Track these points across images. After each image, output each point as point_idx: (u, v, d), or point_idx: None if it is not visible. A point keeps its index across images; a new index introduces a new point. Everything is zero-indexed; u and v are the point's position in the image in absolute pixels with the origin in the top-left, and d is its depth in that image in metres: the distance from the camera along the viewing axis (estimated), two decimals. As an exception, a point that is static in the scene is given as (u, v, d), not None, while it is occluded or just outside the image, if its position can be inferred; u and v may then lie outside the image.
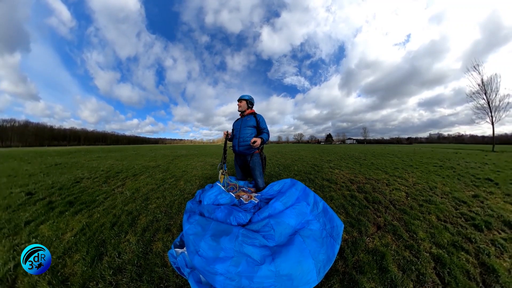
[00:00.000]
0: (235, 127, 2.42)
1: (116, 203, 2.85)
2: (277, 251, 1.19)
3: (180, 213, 2.43)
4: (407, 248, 1.74)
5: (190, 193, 3.23)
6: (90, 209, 2.67)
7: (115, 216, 2.41)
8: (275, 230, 1.35)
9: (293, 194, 1.79)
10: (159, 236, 1.95)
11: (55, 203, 2.86)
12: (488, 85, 19.30)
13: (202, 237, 1.25)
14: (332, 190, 3.39)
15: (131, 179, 4.49)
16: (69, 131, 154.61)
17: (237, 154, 2.37)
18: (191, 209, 1.79)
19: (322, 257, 1.24)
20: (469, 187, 3.67)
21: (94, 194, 3.31)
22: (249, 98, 2.39)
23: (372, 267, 1.47)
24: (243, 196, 1.95)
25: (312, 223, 1.53)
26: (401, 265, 1.51)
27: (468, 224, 2.18)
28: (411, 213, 2.44)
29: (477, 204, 2.75)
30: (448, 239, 1.86)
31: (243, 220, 1.48)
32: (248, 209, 1.73)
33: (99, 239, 1.90)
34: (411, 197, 3.06)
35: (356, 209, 2.53)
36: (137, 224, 2.20)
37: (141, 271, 1.48)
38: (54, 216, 2.42)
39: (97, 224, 2.20)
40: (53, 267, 1.51)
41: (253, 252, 1.16)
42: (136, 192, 3.40)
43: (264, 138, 2.19)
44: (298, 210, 1.61)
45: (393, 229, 2.03)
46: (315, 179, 4.29)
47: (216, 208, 1.59)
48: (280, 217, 1.48)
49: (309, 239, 1.34)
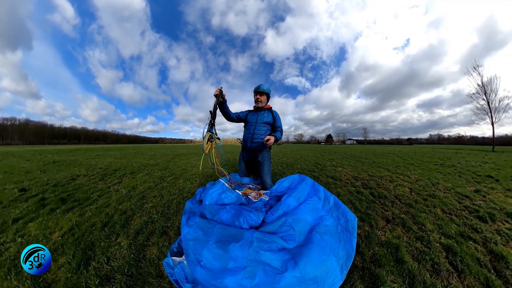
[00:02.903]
0: (249, 119, 2.21)
1: (110, 201, 2.68)
2: (297, 252, 1.05)
3: (178, 214, 2.25)
4: (418, 239, 1.74)
5: (190, 192, 3.04)
6: (83, 207, 2.50)
7: (107, 215, 2.23)
8: (294, 229, 1.20)
9: (304, 190, 1.69)
10: (154, 240, 1.75)
11: (48, 200, 2.70)
12: (488, 85, 19.30)
13: (205, 243, 1.08)
14: (338, 187, 3.37)
15: (129, 176, 4.32)
16: (70, 129, 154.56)
17: (247, 149, 2.20)
18: (190, 210, 1.63)
19: (342, 253, 1.16)
20: (471, 183, 3.68)
21: (88, 191, 3.14)
22: (270, 91, 2.18)
23: (388, 260, 1.44)
24: (251, 194, 1.76)
25: (326, 218, 1.46)
26: (415, 256, 1.51)
27: (472, 216, 2.21)
28: (416, 206, 2.46)
29: (480, 198, 2.79)
30: (455, 230, 1.89)
31: (255, 222, 1.30)
32: (259, 208, 1.56)
33: (88, 240, 1.72)
34: (415, 192, 3.07)
35: (364, 204, 2.53)
36: (130, 225, 2.02)
37: (132, 282, 1.27)
38: (44, 214, 2.26)
39: (87, 223, 2.03)
40: (35, 272, 1.34)
41: (272, 258, 0.99)
42: (132, 190, 3.23)
43: (277, 137, 2.07)
44: (312, 205, 1.51)
45: (402, 222, 2.04)
46: (320, 176, 4.26)
47: (220, 208, 1.41)
48: (297, 214, 1.34)
49: (327, 235, 1.25)
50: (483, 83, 19.48)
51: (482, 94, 19.58)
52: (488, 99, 19.19)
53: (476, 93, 20.01)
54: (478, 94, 19.89)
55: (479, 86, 19.73)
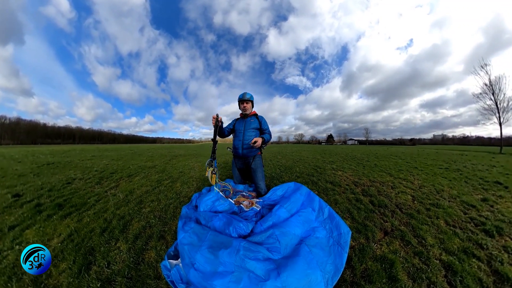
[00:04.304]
0: (237, 128, 2.37)
1: (108, 206, 2.77)
2: (282, 264, 1.13)
3: (175, 218, 2.35)
4: (416, 255, 1.70)
5: (187, 197, 3.15)
6: (80, 212, 2.59)
7: (106, 220, 2.33)
8: (280, 242, 1.28)
9: (298, 200, 1.73)
10: (152, 244, 1.86)
11: (43, 206, 2.78)
12: (496, 84, 19.13)
13: (199, 248, 1.18)
14: (336, 193, 3.35)
15: (126, 180, 4.42)
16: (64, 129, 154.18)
17: (239, 157, 2.33)
18: (186, 215, 1.70)
19: (329, 268, 1.19)
20: (478, 190, 3.62)
21: (85, 196, 3.23)
22: (253, 98, 2.36)
23: (381, 276, 1.43)
24: (244, 203, 1.86)
25: (318, 230, 1.48)
26: (411, 273, 1.48)
27: (478, 229, 2.13)
28: (418, 217, 2.39)
29: (487, 209, 2.70)
30: (458, 245, 1.82)
31: (244, 231, 1.39)
32: (249, 217, 1.64)
33: (88, 246, 1.82)
34: (418, 200, 3.02)
35: (362, 214, 2.49)
36: (129, 230, 2.12)
37: (132, 283, 1.40)
38: (41, 220, 2.34)
39: (86, 229, 2.13)
40: (37, 277, 1.43)
41: (256, 267, 1.08)
42: (129, 194, 3.32)
43: (265, 138, 2.22)
44: (304, 217, 1.55)
45: (401, 235, 2.00)
46: (318, 181, 4.25)
47: (214, 216, 1.51)
48: (285, 227, 1.41)
49: (316, 248, 1.29)
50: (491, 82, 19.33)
51: (489, 94, 19.48)
52: (496, 99, 19.07)
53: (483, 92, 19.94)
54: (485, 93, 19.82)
55: (486, 85, 19.64)
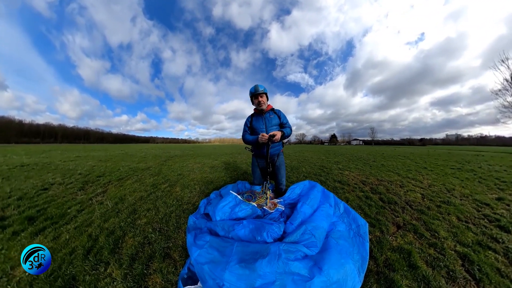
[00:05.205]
0: (256, 126, 2.21)
1: (94, 217, 2.36)
2: (318, 258, 1.16)
3: (180, 230, 2.05)
4: (431, 246, 1.77)
5: (190, 203, 2.83)
6: (57, 227, 2.14)
7: (90, 237, 1.92)
8: (315, 236, 1.31)
9: (316, 196, 1.81)
10: (155, 266, 1.51)
11: (8, 220, 2.28)
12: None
13: (226, 265, 1.05)
14: (346, 192, 3.41)
15: (115, 184, 3.99)
16: (44, 126, 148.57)
17: (263, 156, 2.23)
18: (195, 226, 1.60)
19: (357, 257, 1.27)
20: (493, 190, 3.57)
21: (64, 205, 2.77)
22: (266, 90, 2.20)
23: (402, 265, 1.51)
24: (267, 204, 1.85)
25: (338, 224, 1.59)
26: (429, 262, 1.55)
27: (492, 225, 2.18)
28: (429, 213, 2.47)
29: (502, 207, 2.70)
30: (472, 239, 1.88)
31: (277, 234, 1.35)
32: (276, 218, 1.63)
33: (67, 274, 1.41)
34: (428, 198, 3.06)
35: (373, 210, 2.58)
36: (122, 249, 1.74)
37: None
38: (3, 240, 1.88)
39: (65, 250, 1.71)
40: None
41: (299, 267, 1.06)
42: (120, 202, 2.92)
43: (286, 132, 2.11)
44: (325, 211, 1.62)
45: (414, 228, 2.07)
46: (326, 180, 4.34)
47: (236, 223, 1.42)
48: (314, 221, 1.45)
49: (341, 240, 1.36)
50: (513, 77, 17.26)
51: (510, 90, 18.20)
52: (519, 95, 17.27)
53: (503, 89, 18.61)
54: (506, 90, 18.49)
55: (507, 81, 18.30)
